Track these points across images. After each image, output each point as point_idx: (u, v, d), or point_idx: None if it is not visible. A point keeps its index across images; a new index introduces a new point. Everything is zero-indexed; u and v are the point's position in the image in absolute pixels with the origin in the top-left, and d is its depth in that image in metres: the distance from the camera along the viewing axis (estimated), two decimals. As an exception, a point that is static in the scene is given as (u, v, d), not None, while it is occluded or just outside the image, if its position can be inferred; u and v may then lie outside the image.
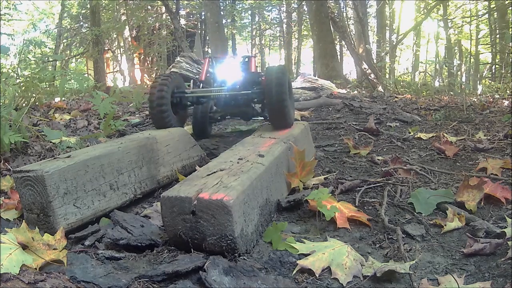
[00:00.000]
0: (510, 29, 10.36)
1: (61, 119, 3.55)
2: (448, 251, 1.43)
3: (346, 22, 12.11)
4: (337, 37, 11.62)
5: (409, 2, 15.81)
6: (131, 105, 4.78)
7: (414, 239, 1.52)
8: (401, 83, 9.44)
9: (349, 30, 11.33)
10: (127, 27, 13.62)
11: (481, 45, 15.19)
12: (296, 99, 5.19)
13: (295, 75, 12.59)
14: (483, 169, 2.29)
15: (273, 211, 1.68)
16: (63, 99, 4.66)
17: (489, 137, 3.21)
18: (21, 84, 3.41)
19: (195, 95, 2.45)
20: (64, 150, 2.53)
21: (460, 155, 2.71)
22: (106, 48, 13.90)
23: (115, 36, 14.41)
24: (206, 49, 13.55)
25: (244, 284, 1.15)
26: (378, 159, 2.55)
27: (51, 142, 2.67)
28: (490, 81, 10.34)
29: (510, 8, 10.46)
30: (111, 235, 1.44)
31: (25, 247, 1.25)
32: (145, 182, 1.95)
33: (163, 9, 12.14)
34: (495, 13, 11.67)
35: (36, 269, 1.20)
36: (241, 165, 1.63)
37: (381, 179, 2.11)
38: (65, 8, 14.58)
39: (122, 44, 14.33)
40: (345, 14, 12.82)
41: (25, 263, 1.18)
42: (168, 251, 1.36)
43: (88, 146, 2.49)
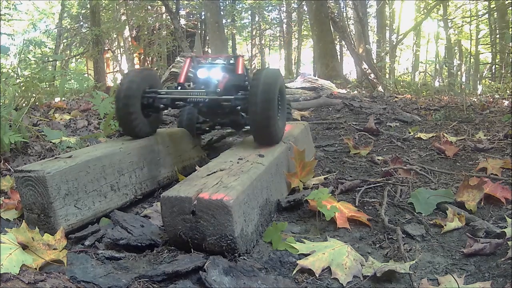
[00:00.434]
0: (510, 29, 10.36)
1: (61, 119, 3.55)
2: (448, 251, 1.43)
3: (346, 22, 12.11)
4: (337, 37, 11.62)
5: (409, 2, 15.81)
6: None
7: (414, 239, 1.52)
8: (401, 83, 9.44)
9: (349, 30, 11.33)
10: (127, 27, 13.62)
11: (481, 45, 15.19)
12: (296, 99, 5.20)
13: (295, 75, 12.59)
14: (483, 169, 2.29)
15: (273, 211, 1.68)
16: (63, 99, 4.66)
17: (489, 137, 3.21)
18: (21, 84, 3.41)
19: (169, 97, 2.04)
20: (64, 150, 2.53)
21: (460, 155, 2.71)
22: (106, 48, 13.90)
23: (115, 36, 14.42)
24: (206, 49, 13.55)
25: (244, 284, 1.15)
26: (378, 159, 2.55)
27: (51, 142, 2.67)
28: (490, 81, 10.34)
29: (510, 8, 10.46)
30: (111, 235, 1.45)
31: (25, 247, 1.25)
32: (146, 183, 1.95)
33: (163, 9, 12.15)
34: (495, 13, 11.67)
35: (36, 269, 1.20)
36: (241, 165, 1.63)
37: (381, 179, 2.11)
38: (65, 8, 14.59)
39: (122, 44, 14.34)
40: (345, 14, 12.82)
41: (25, 263, 1.18)
42: (168, 251, 1.36)
43: (88, 146, 2.49)
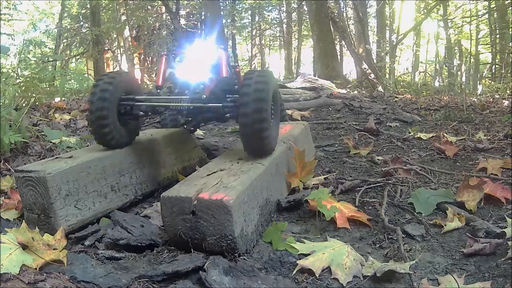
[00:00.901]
0: (510, 29, 10.36)
1: (61, 119, 3.55)
2: (448, 251, 1.43)
3: (346, 22, 12.11)
4: (337, 37, 11.62)
5: (409, 2, 15.81)
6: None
7: (414, 239, 1.52)
8: (401, 83, 9.44)
9: (349, 30, 11.33)
10: (127, 27, 13.62)
11: (481, 45, 15.18)
12: (296, 99, 5.20)
13: (295, 75, 12.59)
14: (483, 169, 2.29)
15: (273, 211, 1.68)
16: (63, 99, 4.66)
17: (489, 137, 3.21)
18: (21, 84, 3.40)
19: (148, 104, 1.81)
20: (64, 150, 2.53)
21: (460, 155, 2.71)
22: (106, 48, 13.90)
23: (115, 36, 14.41)
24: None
25: (244, 284, 1.15)
26: (378, 159, 2.55)
27: (51, 142, 2.67)
28: (490, 81, 10.33)
29: (510, 8, 10.46)
30: (111, 235, 1.45)
31: (25, 247, 1.25)
32: (146, 183, 1.95)
33: (163, 9, 12.14)
34: (495, 13, 11.67)
35: (36, 269, 1.20)
36: (241, 165, 1.63)
37: (381, 179, 2.12)
38: (65, 8, 14.58)
39: (122, 44, 14.33)
40: (345, 14, 12.81)
41: (25, 263, 1.18)
42: (168, 251, 1.36)
43: (88, 146, 2.49)
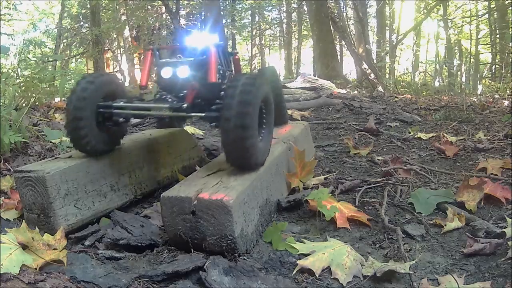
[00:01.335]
0: (510, 29, 10.36)
1: (61, 119, 3.55)
2: (448, 251, 1.43)
3: (346, 22, 12.11)
4: (337, 37, 11.61)
5: (409, 2, 15.81)
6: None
7: (414, 239, 1.52)
8: (401, 83, 9.44)
9: (349, 30, 11.33)
10: (127, 27, 13.62)
11: (481, 45, 15.18)
12: (296, 99, 5.20)
13: (295, 75, 12.59)
14: (483, 169, 2.29)
15: (273, 211, 1.68)
16: (63, 99, 4.66)
17: (489, 137, 3.21)
18: (21, 84, 3.40)
19: (125, 112, 1.64)
20: (64, 150, 2.53)
21: (460, 155, 2.71)
22: (106, 48, 13.90)
23: (115, 36, 14.41)
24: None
25: (244, 284, 1.15)
26: (378, 159, 2.55)
27: (51, 142, 2.66)
28: (490, 81, 10.33)
29: (510, 8, 10.45)
30: (111, 235, 1.45)
31: (25, 247, 1.25)
32: (146, 183, 1.95)
33: (163, 9, 12.14)
34: (495, 13, 11.67)
35: (36, 269, 1.20)
36: (241, 165, 1.63)
37: (381, 179, 2.12)
38: (65, 8, 14.58)
39: (122, 44, 14.33)
40: (345, 14, 12.81)
41: (25, 263, 1.18)
42: (168, 251, 1.36)
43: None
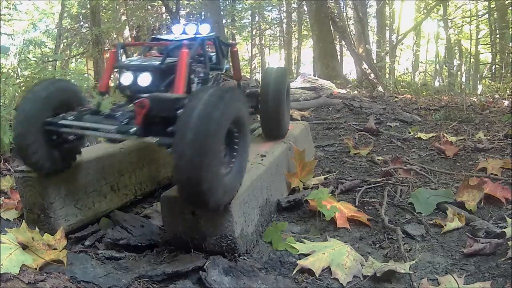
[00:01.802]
0: (510, 29, 10.36)
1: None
2: (448, 251, 1.43)
3: (346, 22, 12.10)
4: (337, 37, 11.61)
5: (409, 2, 15.80)
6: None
7: (414, 239, 1.52)
8: (401, 83, 9.43)
9: (349, 30, 11.32)
10: (127, 27, 13.61)
11: (481, 45, 15.18)
12: (296, 99, 5.20)
13: (295, 75, 12.60)
14: (483, 169, 2.29)
15: (273, 211, 1.68)
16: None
17: (489, 137, 3.21)
18: (21, 84, 3.40)
19: (72, 132, 1.40)
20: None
21: (460, 155, 2.71)
22: (106, 48, 13.89)
23: (115, 36, 14.41)
24: (206, 49, 13.54)
25: (244, 284, 1.15)
26: (378, 159, 2.55)
27: (51, 142, 2.66)
28: (490, 81, 10.33)
29: (510, 8, 10.45)
30: (111, 235, 1.45)
31: (25, 247, 1.25)
32: (146, 183, 1.95)
33: (163, 9, 12.14)
34: (495, 13, 11.66)
35: (36, 269, 1.20)
36: (241, 165, 1.63)
37: (381, 179, 2.12)
38: (65, 8, 14.57)
39: (122, 44, 14.30)
40: (345, 14, 12.80)
41: (25, 263, 1.18)
42: (168, 251, 1.36)
43: (88, 146, 2.48)
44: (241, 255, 1.31)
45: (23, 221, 1.42)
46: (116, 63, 1.45)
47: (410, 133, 3.46)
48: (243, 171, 1.35)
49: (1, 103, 3.01)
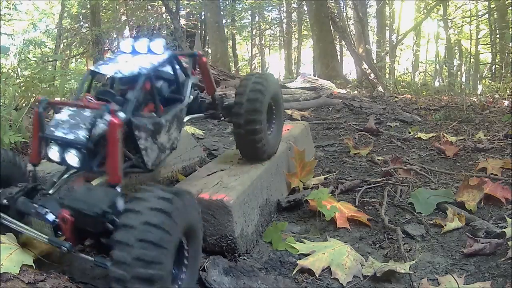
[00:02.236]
0: (510, 29, 10.36)
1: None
2: (448, 251, 1.43)
3: (346, 22, 12.11)
4: (337, 37, 11.61)
5: (409, 2, 15.80)
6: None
7: (414, 239, 1.52)
8: (401, 83, 9.43)
9: (349, 30, 11.33)
10: (127, 27, 13.62)
11: (481, 45, 15.18)
12: (296, 99, 5.20)
13: (295, 75, 12.60)
14: (483, 169, 2.30)
15: (273, 211, 1.68)
16: (63, 99, 4.66)
17: (489, 137, 3.21)
18: (21, 84, 3.40)
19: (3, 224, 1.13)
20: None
21: (460, 155, 2.71)
22: (106, 48, 13.89)
23: (115, 36, 14.42)
24: (206, 49, 13.55)
25: (244, 284, 1.15)
26: (378, 159, 2.55)
27: (51, 142, 2.66)
28: (490, 81, 10.33)
29: (510, 8, 10.45)
30: (111, 235, 1.44)
31: (25, 247, 1.25)
32: (146, 183, 1.94)
33: (163, 9, 12.14)
34: (495, 13, 11.66)
35: (36, 269, 1.20)
36: (241, 165, 1.63)
37: (381, 179, 2.12)
38: (65, 8, 14.57)
39: (122, 44, 14.30)
40: (345, 14, 12.81)
41: (25, 263, 1.18)
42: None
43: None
44: (241, 255, 1.31)
45: (23, 221, 1.42)
46: (39, 132, 1.13)
47: (410, 133, 3.46)
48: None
49: (1, 103, 3.01)
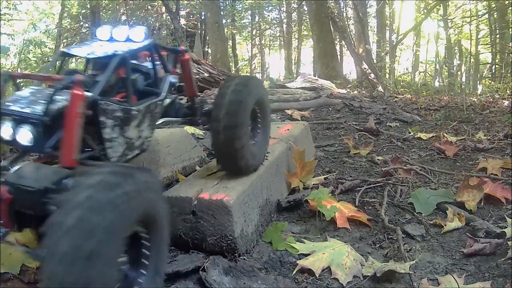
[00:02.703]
0: (510, 29, 10.37)
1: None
2: (448, 251, 1.43)
3: (346, 22, 12.11)
4: (337, 37, 11.62)
5: (409, 2, 15.80)
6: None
7: (414, 239, 1.52)
8: (401, 83, 9.44)
9: (349, 30, 11.33)
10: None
11: (481, 45, 15.18)
12: (296, 99, 5.20)
13: (295, 75, 12.60)
14: (483, 169, 2.29)
15: (273, 211, 1.68)
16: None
17: (489, 137, 3.21)
18: (21, 84, 3.41)
19: None
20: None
21: (460, 155, 2.71)
22: (105, 48, 13.87)
23: (115, 36, 14.40)
24: (206, 49, 13.55)
25: (244, 284, 1.15)
26: (378, 159, 2.55)
27: (51, 142, 2.66)
28: (490, 81, 10.33)
29: (510, 8, 10.46)
30: (111, 235, 1.44)
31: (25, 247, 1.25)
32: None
33: (163, 9, 12.14)
34: (495, 13, 11.67)
35: (36, 269, 1.20)
36: (241, 165, 1.63)
37: (381, 179, 2.11)
38: (65, 8, 14.57)
39: (122, 44, 14.28)
40: (345, 14, 12.81)
41: (25, 263, 1.18)
42: (168, 251, 1.36)
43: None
44: (241, 255, 1.31)
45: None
46: None
47: (410, 133, 3.46)
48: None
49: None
